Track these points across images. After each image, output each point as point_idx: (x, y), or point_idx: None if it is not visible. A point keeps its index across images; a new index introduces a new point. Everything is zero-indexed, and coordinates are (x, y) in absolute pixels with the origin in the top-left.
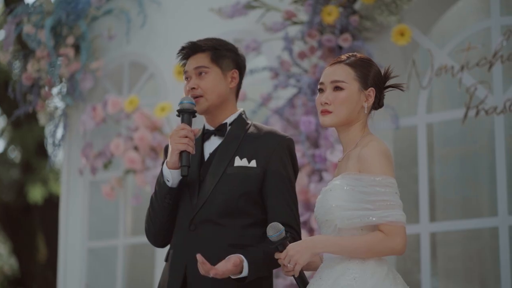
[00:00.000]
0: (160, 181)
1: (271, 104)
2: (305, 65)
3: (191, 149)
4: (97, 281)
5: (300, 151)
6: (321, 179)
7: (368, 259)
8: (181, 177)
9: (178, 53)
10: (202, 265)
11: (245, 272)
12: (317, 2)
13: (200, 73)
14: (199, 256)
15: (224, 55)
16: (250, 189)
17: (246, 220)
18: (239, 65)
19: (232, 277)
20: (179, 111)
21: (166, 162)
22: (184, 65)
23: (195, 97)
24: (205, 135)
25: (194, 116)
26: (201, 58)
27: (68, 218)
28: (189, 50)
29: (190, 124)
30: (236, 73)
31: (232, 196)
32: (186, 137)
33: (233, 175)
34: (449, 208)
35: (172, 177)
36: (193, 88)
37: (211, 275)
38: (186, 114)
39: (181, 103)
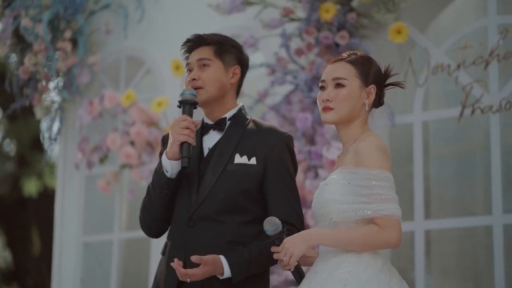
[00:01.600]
0: (158, 171)
1: (267, 101)
2: (302, 62)
3: (192, 141)
4: (92, 275)
5: (296, 148)
6: (317, 175)
7: (363, 253)
8: (180, 168)
9: (183, 45)
10: (178, 269)
11: (227, 273)
12: None
13: (203, 65)
14: (176, 261)
15: (228, 50)
16: (250, 186)
17: (246, 217)
18: (242, 62)
19: (219, 277)
20: (180, 102)
21: (166, 153)
22: (187, 58)
23: (195, 88)
24: (204, 129)
25: (195, 108)
26: (205, 51)
27: (64, 212)
28: (194, 43)
29: (191, 115)
30: (238, 69)
31: (232, 193)
32: (188, 128)
33: (233, 172)
34: (444, 206)
35: (171, 167)
36: (194, 79)
37: (188, 280)
38: (187, 106)
39: (182, 94)
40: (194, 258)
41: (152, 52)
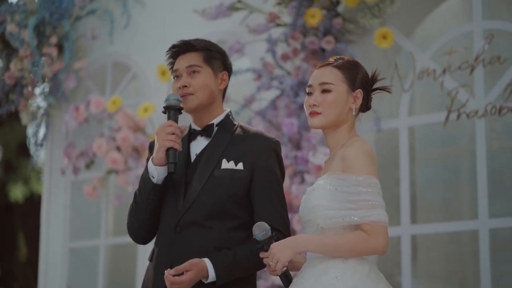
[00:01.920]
0: (145, 177)
1: (254, 106)
2: (288, 67)
3: (178, 146)
4: (78, 281)
5: (283, 153)
6: (303, 180)
7: (350, 259)
8: (166, 174)
9: (168, 51)
10: (168, 277)
11: (211, 276)
12: (301, 4)
13: (193, 72)
14: (168, 271)
15: (215, 56)
16: (237, 191)
17: (232, 223)
18: (228, 68)
19: (204, 281)
20: (165, 107)
21: (152, 159)
22: (171, 63)
23: (185, 95)
24: (192, 135)
25: (180, 113)
26: (194, 57)
27: (50, 217)
28: (180, 49)
29: (176, 121)
30: (226, 75)
31: (219, 198)
32: (173, 133)
33: (220, 177)
34: (430, 211)
35: (158, 173)
36: (185, 86)
37: None
38: (173, 111)
39: (167, 99)
40: (172, 272)
41: (138, 57)
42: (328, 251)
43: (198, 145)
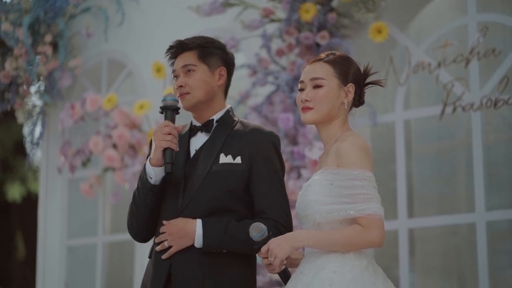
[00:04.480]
0: (143, 178)
1: (249, 102)
2: (283, 62)
3: (175, 146)
4: (76, 279)
5: None
6: (299, 176)
7: (348, 253)
8: (163, 174)
9: (167, 53)
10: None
11: (198, 235)
12: None
13: (188, 71)
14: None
15: (211, 52)
16: (235, 186)
17: (231, 217)
18: (227, 62)
19: (196, 246)
20: (162, 108)
21: (149, 159)
22: (172, 64)
23: (182, 95)
24: (192, 131)
25: (177, 113)
26: (188, 56)
27: (47, 216)
28: (177, 49)
29: (173, 121)
30: (224, 71)
31: (217, 194)
32: (170, 134)
33: (218, 172)
34: (427, 204)
35: (155, 174)
36: (181, 86)
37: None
38: (169, 111)
39: (164, 100)
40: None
41: (133, 55)
42: (325, 246)
43: (198, 141)
